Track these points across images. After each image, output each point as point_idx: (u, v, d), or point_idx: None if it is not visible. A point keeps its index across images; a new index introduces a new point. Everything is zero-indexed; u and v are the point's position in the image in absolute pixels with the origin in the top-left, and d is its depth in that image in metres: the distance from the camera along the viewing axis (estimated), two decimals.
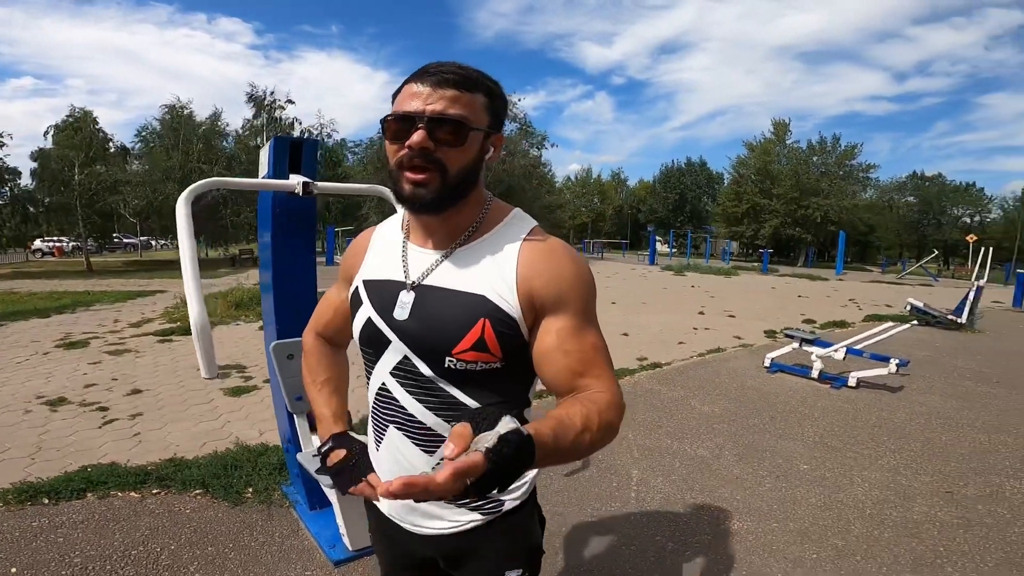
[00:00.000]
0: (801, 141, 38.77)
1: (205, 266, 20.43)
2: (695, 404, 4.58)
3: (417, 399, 0.91)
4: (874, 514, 2.78)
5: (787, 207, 35.40)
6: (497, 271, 0.87)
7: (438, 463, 0.56)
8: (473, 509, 0.97)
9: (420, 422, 0.92)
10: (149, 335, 6.95)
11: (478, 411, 0.66)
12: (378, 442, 0.98)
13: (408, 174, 0.84)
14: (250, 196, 22.78)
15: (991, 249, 13.02)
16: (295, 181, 2.15)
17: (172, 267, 20.77)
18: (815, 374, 5.50)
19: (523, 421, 0.71)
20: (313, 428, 2.21)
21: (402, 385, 0.92)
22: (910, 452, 3.65)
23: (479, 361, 0.86)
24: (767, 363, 5.90)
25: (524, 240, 0.90)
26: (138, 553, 2.24)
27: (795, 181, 35.06)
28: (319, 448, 1.06)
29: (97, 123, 21.19)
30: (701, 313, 10.12)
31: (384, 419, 0.96)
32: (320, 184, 2.20)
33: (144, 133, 22.61)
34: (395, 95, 0.88)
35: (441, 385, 0.89)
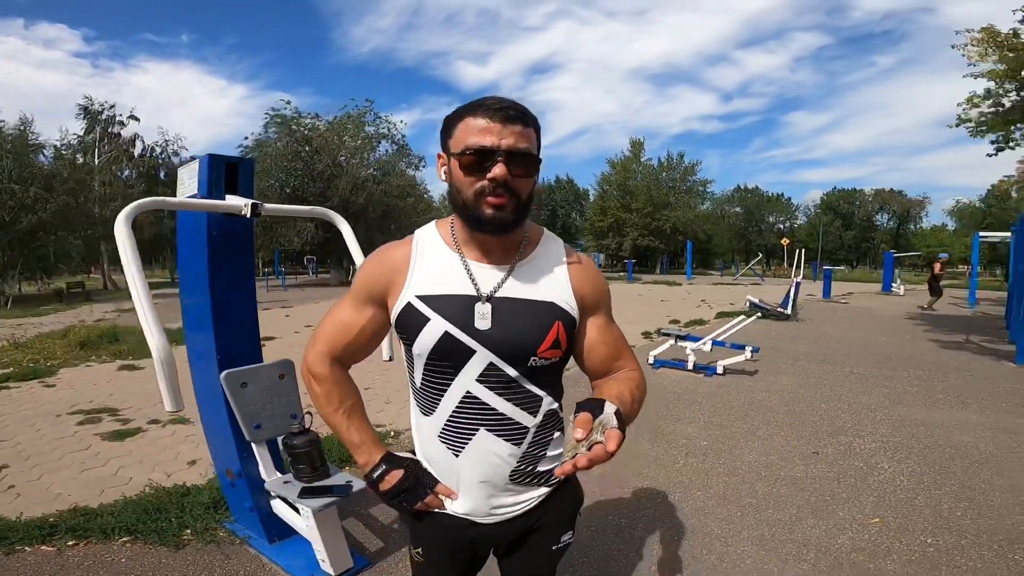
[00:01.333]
0: (653, 158, 43.35)
1: (23, 303, 17.21)
2: None
3: (505, 398, 1.01)
4: (768, 475, 3.32)
5: (644, 220, 39.29)
6: (557, 282, 1.04)
7: (573, 448, 0.78)
8: (542, 484, 1.10)
9: (509, 418, 1.02)
10: None
11: (587, 402, 0.85)
12: (461, 447, 1.03)
13: (490, 199, 0.93)
14: (76, 222, 19.63)
15: (803, 250, 15.69)
16: (242, 202, 2.07)
17: None
18: (690, 366, 6.27)
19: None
20: (275, 456, 2.10)
21: (490, 389, 1.01)
22: (777, 424, 4.36)
23: (552, 357, 1.03)
24: (651, 360, 6.58)
25: (566, 255, 1.08)
26: None
27: (649, 196, 39.05)
28: (369, 474, 1.07)
29: None
30: None
31: (471, 424, 1.02)
32: (268, 206, 2.13)
33: None
34: (449, 127, 0.97)
35: (522, 382, 1.02)
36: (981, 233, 16.50)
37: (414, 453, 1.13)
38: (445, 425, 1.03)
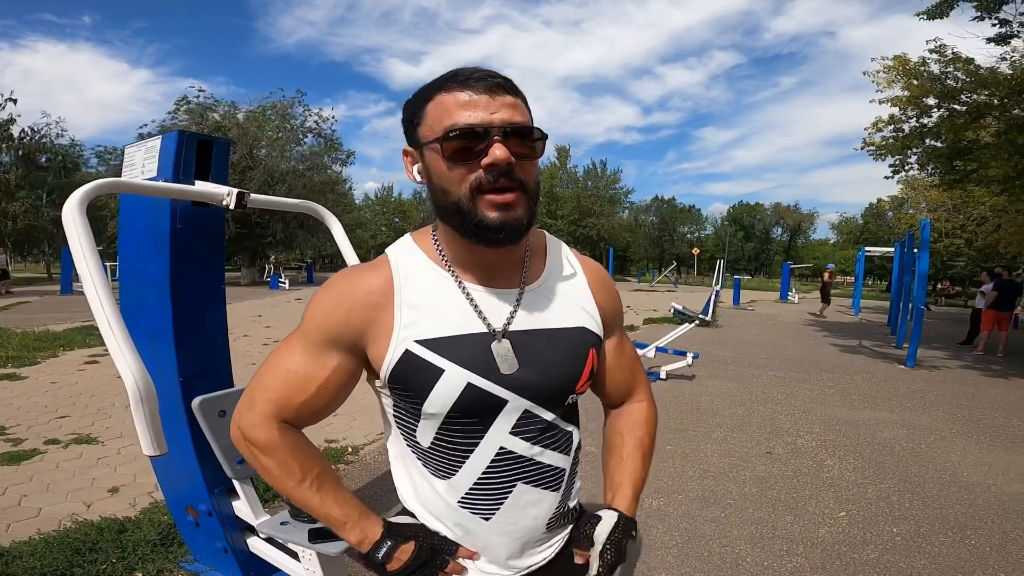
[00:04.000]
0: (578, 166, 44.69)
1: None
2: None
3: (542, 445, 0.86)
4: (736, 476, 3.44)
5: (570, 227, 40.32)
6: (580, 300, 0.89)
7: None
8: (565, 524, 0.95)
9: (548, 466, 0.87)
10: None
11: (585, 527, 0.89)
12: (493, 510, 0.86)
13: (492, 197, 0.73)
14: None
15: (722, 261, 16.83)
16: (224, 190, 1.78)
17: None
18: None
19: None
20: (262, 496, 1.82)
21: (526, 439, 0.84)
22: (727, 426, 4.56)
23: (585, 390, 0.90)
24: None
25: (581, 264, 0.93)
26: None
27: (576, 204, 40.16)
28: (370, 554, 0.84)
29: None
30: None
31: (506, 482, 0.85)
32: (253, 196, 1.86)
33: None
34: (416, 111, 0.77)
35: (558, 423, 0.87)
36: (867, 248, 18.57)
37: (407, 512, 0.92)
38: (472, 488, 0.84)
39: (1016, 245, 15.87)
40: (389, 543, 0.84)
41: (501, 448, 0.83)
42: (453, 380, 0.78)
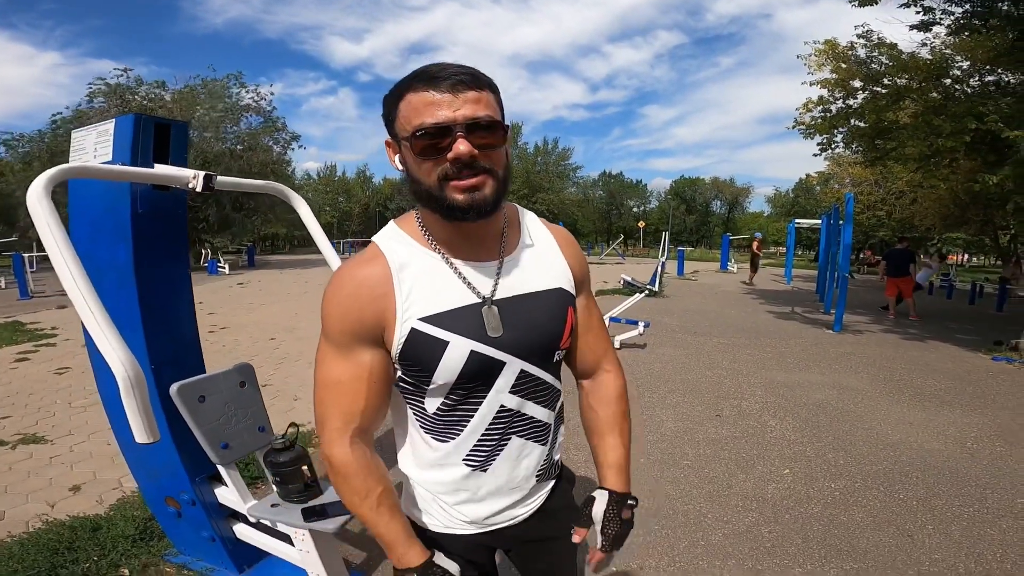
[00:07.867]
0: (528, 143, 44.51)
1: None
2: None
3: (537, 402, 0.95)
4: (690, 439, 3.68)
5: (520, 202, 40.32)
6: (554, 264, 0.97)
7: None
8: (549, 478, 1.06)
9: (540, 421, 0.97)
10: None
11: (583, 502, 1.02)
12: (490, 462, 0.95)
13: (457, 182, 0.80)
14: None
15: (665, 233, 17.40)
16: (190, 173, 1.73)
17: None
18: None
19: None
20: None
21: (524, 396, 0.93)
22: (679, 392, 4.84)
23: (567, 345, 0.99)
24: None
25: (550, 231, 1.01)
26: None
27: (526, 179, 40.13)
28: (396, 571, 0.92)
29: None
30: None
31: (503, 436, 0.94)
32: (220, 179, 1.81)
33: None
34: (391, 108, 0.84)
35: (548, 380, 0.97)
36: (797, 220, 19.64)
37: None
38: (475, 446, 0.93)
39: (930, 217, 17.28)
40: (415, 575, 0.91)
41: (502, 406, 0.92)
42: (458, 350, 0.86)
